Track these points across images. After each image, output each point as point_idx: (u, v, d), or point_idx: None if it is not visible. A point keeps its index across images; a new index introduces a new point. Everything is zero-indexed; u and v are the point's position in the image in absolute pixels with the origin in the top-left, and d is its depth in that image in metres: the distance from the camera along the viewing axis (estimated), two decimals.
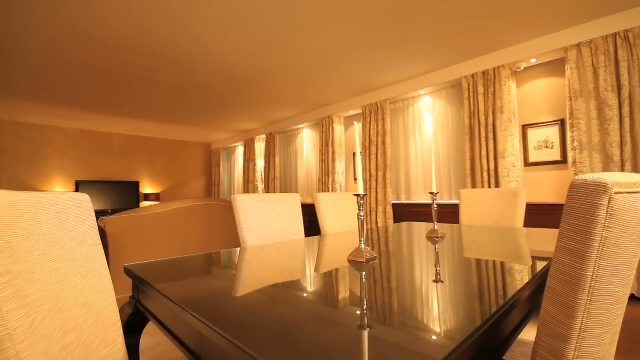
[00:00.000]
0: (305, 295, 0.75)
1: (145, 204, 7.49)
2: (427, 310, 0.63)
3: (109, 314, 0.72)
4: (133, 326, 1.04)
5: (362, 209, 1.09)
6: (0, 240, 0.46)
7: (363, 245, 1.10)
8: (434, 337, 0.50)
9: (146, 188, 7.55)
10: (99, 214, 6.60)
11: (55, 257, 0.61)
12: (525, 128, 3.40)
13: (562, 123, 3.17)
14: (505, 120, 3.29)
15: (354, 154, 5.30)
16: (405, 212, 4.32)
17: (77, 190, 5.09)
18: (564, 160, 3.16)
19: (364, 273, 0.93)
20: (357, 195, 1.09)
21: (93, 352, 0.64)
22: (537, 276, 0.87)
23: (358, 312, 0.63)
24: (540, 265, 0.98)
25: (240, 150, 8.00)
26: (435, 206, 1.66)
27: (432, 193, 1.64)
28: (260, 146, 7.03)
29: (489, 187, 3.38)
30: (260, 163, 6.98)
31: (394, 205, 4.43)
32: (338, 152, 5.20)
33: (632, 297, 2.66)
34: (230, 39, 3.03)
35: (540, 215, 3.13)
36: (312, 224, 5.47)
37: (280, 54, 3.39)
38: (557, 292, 0.50)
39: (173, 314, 0.80)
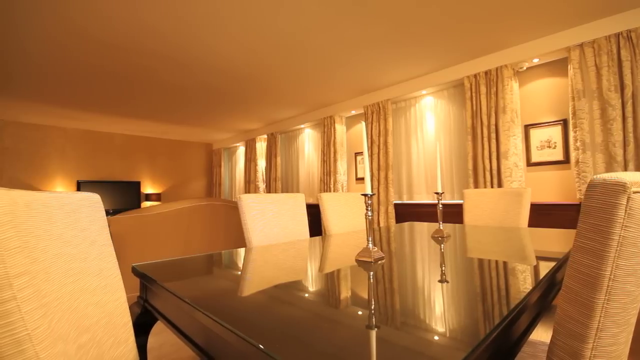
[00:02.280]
0: (315, 295, 0.74)
1: (146, 204, 7.49)
2: (438, 313, 0.63)
3: (120, 314, 0.72)
4: (141, 326, 1.04)
5: (369, 208, 1.09)
6: (19, 240, 0.46)
7: (371, 245, 1.10)
8: (447, 341, 0.50)
9: (147, 188, 7.55)
10: None
11: (69, 257, 0.61)
12: (527, 128, 3.40)
13: (564, 123, 3.17)
14: (508, 120, 3.28)
15: (356, 154, 5.29)
16: (407, 212, 4.32)
17: (78, 190, 5.08)
18: (566, 160, 3.16)
19: (372, 273, 0.93)
20: (365, 195, 1.09)
21: (106, 352, 0.64)
22: (548, 276, 0.87)
23: (368, 313, 0.62)
24: (549, 266, 0.98)
25: (241, 150, 8.00)
26: (441, 206, 1.66)
27: (437, 193, 1.64)
28: (261, 146, 7.03)
29: (492, 187, 3.38)
30: (261, 163, 6.98)
31: (395, 205, 4.43)
32: (339, 152, 5.20)
33: None
34: (233, 38, 3.03)
35: (542, 215, 3.13)
36: (313, 224, 5.47)
37: (283, 54, 3.39)
38: (575, 292, 0.50)
39: (182, 313, 0.80)
